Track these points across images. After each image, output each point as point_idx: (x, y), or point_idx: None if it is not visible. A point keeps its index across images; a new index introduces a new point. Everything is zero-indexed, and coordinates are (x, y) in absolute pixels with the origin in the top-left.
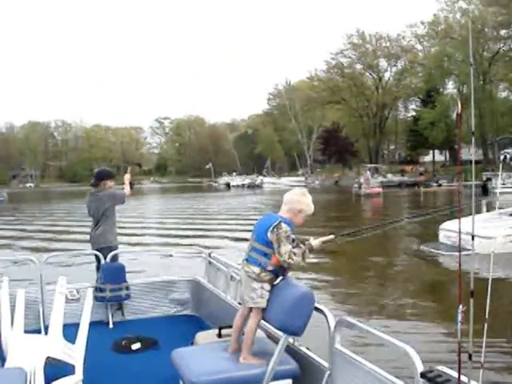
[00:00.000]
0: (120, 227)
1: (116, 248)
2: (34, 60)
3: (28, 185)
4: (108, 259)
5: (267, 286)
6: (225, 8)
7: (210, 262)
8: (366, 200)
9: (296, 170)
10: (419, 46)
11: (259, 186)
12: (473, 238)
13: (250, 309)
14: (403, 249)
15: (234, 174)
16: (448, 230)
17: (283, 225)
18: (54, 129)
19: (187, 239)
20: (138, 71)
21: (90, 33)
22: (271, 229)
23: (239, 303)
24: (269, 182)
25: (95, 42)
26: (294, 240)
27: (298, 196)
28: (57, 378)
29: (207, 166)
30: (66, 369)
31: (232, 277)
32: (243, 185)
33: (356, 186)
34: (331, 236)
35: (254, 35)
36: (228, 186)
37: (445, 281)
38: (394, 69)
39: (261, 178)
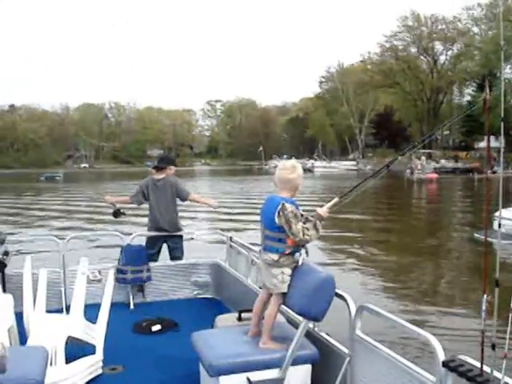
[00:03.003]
0: None
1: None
2: (89, 42)
3: (82, 165)
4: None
5: (288, 271)
6: None
7: (231, 246)
8: (418, 186)
9: (347, 155)
10: (476, 29)
11: (310, 170)
12: (499, 226)
13: (271, 293)
14: (457, 236)
15: (285, 157)
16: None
17: (287, 205)
18: (107, 110)
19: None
20: (191, 54)
21: (143, 15)
22: (277, 213)
23: (260, 287)
24: (320, 166)
25: (149, 24)
26: (302, 215)
27: (292, 172)
28: (77, 358)
29: (258, 150)
30: (86, 349)
31: (253, 261)
32: None
33: (408, 171)
34: (336, 199)
35: (307, 17)
36: None
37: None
38: (449, 52)
39: (312, 161)
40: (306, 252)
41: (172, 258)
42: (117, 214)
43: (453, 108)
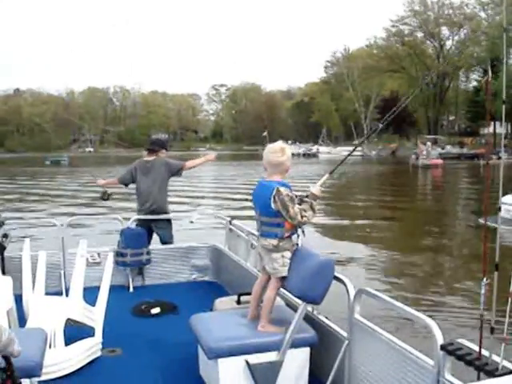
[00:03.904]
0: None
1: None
2: (92, 26)
3: (87, 149)
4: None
5: (288, 254)
6: None
7: (230, 230)
8: (424, 172)
9: (352, 140)
10: (483, 14)
11: (315, 155)
12: (499, 210)
13: (269, 277)
14: (462, 222)
15: (290, 142)
16: (509, 204)
17: (282, 189)
18: (112, 94)
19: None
20: (196, 38)
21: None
22: (272, 199)
23: (259, 271)
24: (325, 151)
25: (153, 8)
26: (296, 196)
27: (282, 154)
28: (76, 340)
29: (263, 134)
30: (85, 331)
31: (252, 244)
32: (299, 154)
33: (414, 156)
34: (326, 175)
35: (312, 1)
36: None
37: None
38: (456, 37)
39: (316, 146)
40: (303, 232)
41: (161, 243)
42: (104, 195)
43: (458, 93)
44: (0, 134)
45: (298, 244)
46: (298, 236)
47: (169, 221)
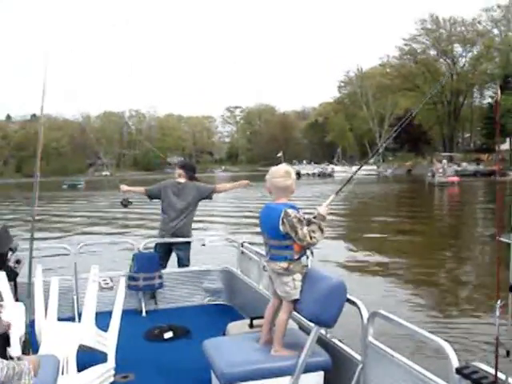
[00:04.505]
0: None
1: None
2: (107, 51)
3: (104, 173)
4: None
5: (298, 276)
6: None
7: (242, 252)
8: (440, 190)
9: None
10: (496, 31)
11: (330, 175)
12: None
13: (281, 300)
14: (479, 240)
15: (305, 162)
16: None
17: (290, 211)
18: (128, 118)
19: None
20: (210, 61)
21: (162, 24)
22: (281, 222)
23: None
24: (340, 170)
25: (167, 32)
26: (304, 218)
27: (288, 178)
28: (89, 366)
29: (278, 155)
30: (98, 357)
31: (264, 267)
32: (314, 173)
33: (429, 174)
34: (332, 196)
35: (326, 22)
36: (298, 174)
37: None
38: (469, 54)
39: (332, 166)
40: (312, 253)
41: (179, 266)
42: (124, 201)
43: (473, 110)
44: (18, 159)
45: (307, 266)
46: (308, 258)
47: (189, 243)
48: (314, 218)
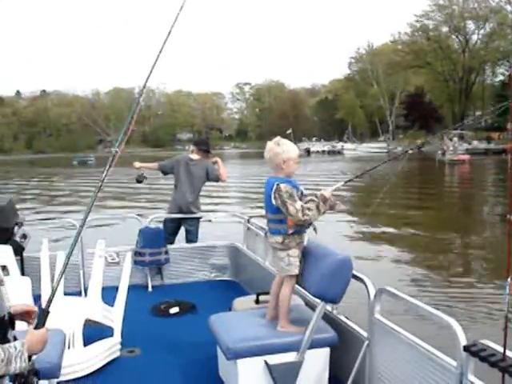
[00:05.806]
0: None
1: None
2: (117, 27)
3: (113, 149)
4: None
5: (294, 252)
6: None
7: (248, 228)
8: (450, 168)
9: (377, 136)
10: (509, 7)
11: (340, 153)
12: None
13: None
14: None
15: (314, 139)
16: None
17: (281, 185)
18: (137, 94)
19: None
20: (220, 37)
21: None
22: (272, 195)
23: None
24: (350, 148)
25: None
26: (304, 195)
27: (273, 150)
28: (95, 340)
29: (287, 132)
30: (104, 331)
31: None
32: (323, 151)
33: (440, 152)
34: (340, 183)
35: None
36: (308, 151)
37: None
38: (481, 31)
39: (341, 143)
40: (315, 229)
41: (187, 241)
42: (140, 177)
43: (485, 88)
44: (28, 135)
45: (302, 242)
46: (307, 237)
47: (198, 219)
48: (316, 197)
